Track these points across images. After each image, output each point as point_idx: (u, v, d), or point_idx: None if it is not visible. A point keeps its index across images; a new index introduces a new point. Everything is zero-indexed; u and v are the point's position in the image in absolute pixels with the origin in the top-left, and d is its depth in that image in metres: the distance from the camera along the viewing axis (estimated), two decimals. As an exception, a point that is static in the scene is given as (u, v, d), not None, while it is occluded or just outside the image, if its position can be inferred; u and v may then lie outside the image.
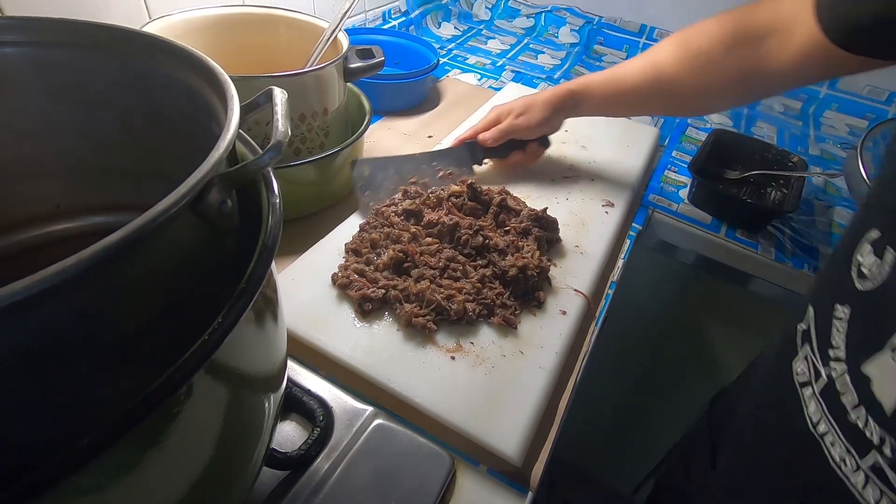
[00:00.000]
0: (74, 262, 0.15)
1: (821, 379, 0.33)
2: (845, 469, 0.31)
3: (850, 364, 0.31)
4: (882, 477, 0.28)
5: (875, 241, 0.31)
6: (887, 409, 0.27)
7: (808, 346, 0.36)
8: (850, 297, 0.32)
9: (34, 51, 0.28)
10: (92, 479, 0.18)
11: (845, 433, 0.31)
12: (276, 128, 0.23)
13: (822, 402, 0.33)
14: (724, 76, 0.55)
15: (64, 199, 0.35)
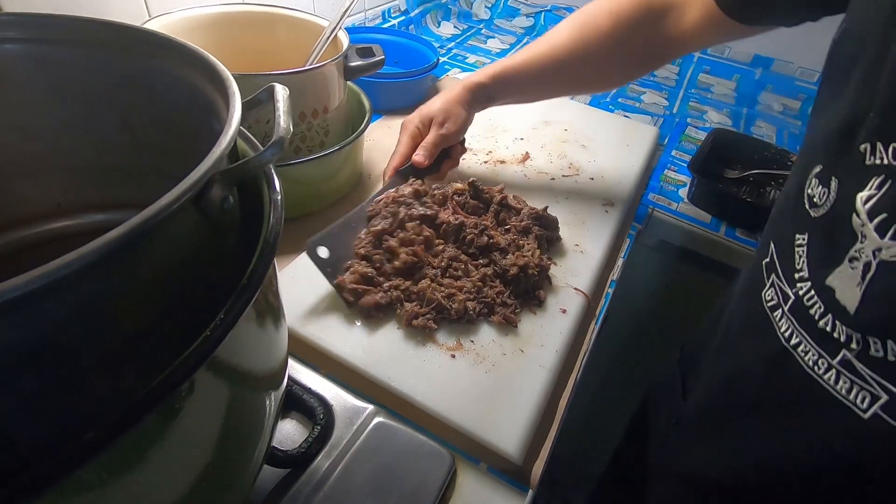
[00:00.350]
0: (75, 258, 0.15)
1: (789, 299, 0.37)
2: (818, 371, 0.35)
3: (814, 280, 0.35)
4: (851, 369, 0.33)
5: (819, 174, 0.36)
6: (850, 309, 0.32)
7: (773, 275, 0.40)
8: (806, 225, 0.36)
9: (34, 48, 0.28)
10: (94, 475, 0.18)
11: (815, 339, 0.35)
12: (277, 124, 0.23)
13: (793, 318, 0.37)
14: (627, 50, 0.61)
15: (65, 196, 0.35)
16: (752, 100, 1.13)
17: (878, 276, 0.31)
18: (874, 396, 0.32)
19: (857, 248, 0.32)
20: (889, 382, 0.31)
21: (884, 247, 0.30)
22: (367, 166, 0.75)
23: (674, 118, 1.01)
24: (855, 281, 0.32)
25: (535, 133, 0.84)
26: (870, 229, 0.31)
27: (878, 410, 0.32)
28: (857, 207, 0.32)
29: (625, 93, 1.09)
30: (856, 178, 0.32)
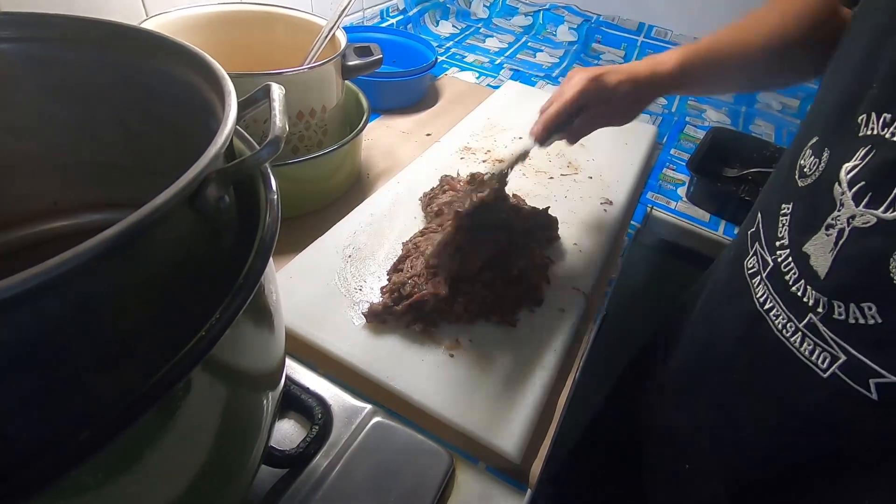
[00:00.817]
0: (70, 257, 0.15)
1: (768, 265, 0.40)
2: (786, 334, 0.38)
3: (792, 247, 0.37)
4: (816, 332, 0.35)
5: (814, 145, 0.37)
6: (821, 274, 0.34)
7: (757, 243, 0.42)
8: (793, 195, 0.38)
9: (30, 47, 0.28)
10: (90, 475, 0.18)
11: (787, 303, 0.37)
12: (273, 123, 0.23)
13: (769, 284, 0.39)
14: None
15: (61, 196, 0.35)
16: (750, 98, 1.13)
17: (848, 242, 0.33)
18: (833, 357, 0.34)
19: (833, 216, 0.34)
20: (847, 344, 0.33)
21: (857, 214, 0.32)
22: (366, 165, 0.75)
23: (672, 117, 1.01)
24: (828, 247, 0.34)
25: (534, 132, 0.84)
26: (848, 197, 0.33)
27: (836, 370, 0.34)
28: (839, 177, 0.33)
29: (623, 92, 1.09)
30: (846, 148, 0.34)
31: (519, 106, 0.91)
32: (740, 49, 0.53)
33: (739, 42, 0.54)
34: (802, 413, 0.38)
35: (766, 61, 0.52)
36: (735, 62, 0.53)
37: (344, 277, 0.54)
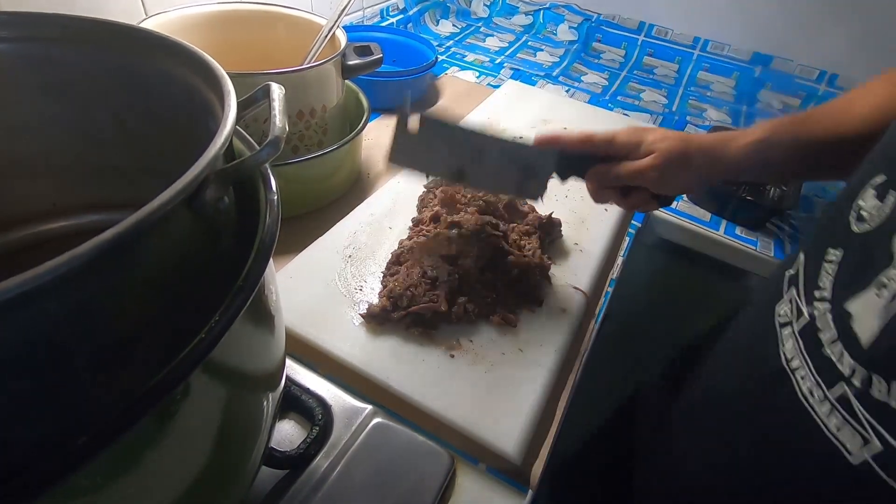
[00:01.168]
0: (68, 259, 0.15)
1: (802, 318, 0.35)
2: (812, 400, 0.32)
3: (834, 303, 0.32)
4: (846, 406, 0.30)
5: (879, 185, 0.32)
6: (864, 342, 0.29)
7: (794, 289, 0.37)
8: (844, 241, 0.33)
9: (28, 46, 0.28)
10: (89, 478, 0.18)
11: (817, 367, 0.32)
12: (273, 123, 0.23)
13: (800, 340, 0.34)
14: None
15: (59, 197, 0.34)
16: (751, 98, 1.12)
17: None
18: (865, 441, 0.29)
19: (888, 274, 0.29)
20: (886, 430, 0.28)
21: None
22: (366, 165, 0.75)
23: (673, 116, 1.01)
24: (877, 310, 0.29)
25: (535, 131, 0.83)
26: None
27: (868, 458, 0.29)
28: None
29: (624, 91, 1.09)
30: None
31: (519, 105, 0.91)
32: (836, 124, 0.44)
33: (835, 116, 0.45)
34: (820, 495, 0.33)
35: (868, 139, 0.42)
36: (829, 138, 0.44)
37: (344, 277, 0.54)
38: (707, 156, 0.46)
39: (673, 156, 0.45)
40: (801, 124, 0.46)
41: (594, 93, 1.06)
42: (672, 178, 0.46)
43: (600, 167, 0.49)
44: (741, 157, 0.45)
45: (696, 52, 1.18)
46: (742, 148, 0.45)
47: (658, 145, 0.46)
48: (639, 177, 0.46)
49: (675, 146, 0.45)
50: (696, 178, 0.47)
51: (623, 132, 0.48)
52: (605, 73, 1.15)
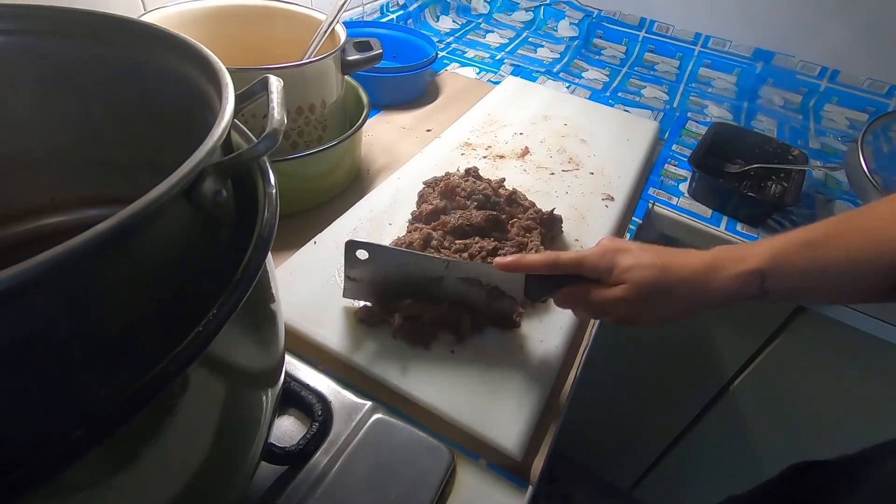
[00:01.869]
0: (64, 250, 0.15)
1: None
2: None
3: None
4: None
5: None
6: None
7: None
8: None
9: (25, 39, 0.28)
10: (88, 472, 0.18)
11: None
12: (271, 116, 0.23)
13: None
14: None
15: (57, 192, 0.34)
16: (752, 94, 1.12)
17: None
18: None
19: None
20: None
21: None
22: (366, 161, 0.74)
23: (674, 112, 1.01)
24: None
25: (535, 128, 0.83)
26: None
27: None
28: None
29: (625, 87, 1.08)
30: None
31: (519, 102, 0.91)
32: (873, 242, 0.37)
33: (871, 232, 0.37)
34: None
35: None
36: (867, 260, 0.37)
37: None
38: (691, 287, 0.40)
39: (645, 288, 0.40)
40: (818, 248, 0.38)
41: (595, 89, 1.06)
42: (646, 312, 0.41)
43: (567, 291, 0.44)
44: (731, 290, 0.39)
45: (698, 48, 1.18)
46: (732, 279, 0.39)
47: (630, 275, 0.40)
48: (609, 307, 0.42)
49: (649, 276, 0.40)
50: (678, 310, 0.41)
51: (593, 254, 0.42)
52: (605, 70, 1.15)
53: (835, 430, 0.86)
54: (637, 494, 1.29)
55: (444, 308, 0.48)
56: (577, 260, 0.43)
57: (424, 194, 0.63)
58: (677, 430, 1.06)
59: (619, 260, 0.41)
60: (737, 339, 0.87)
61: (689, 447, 1.07)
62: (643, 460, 1.18)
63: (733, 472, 1.03)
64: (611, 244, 0.43)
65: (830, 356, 0.79)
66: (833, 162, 0.93)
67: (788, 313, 0.79)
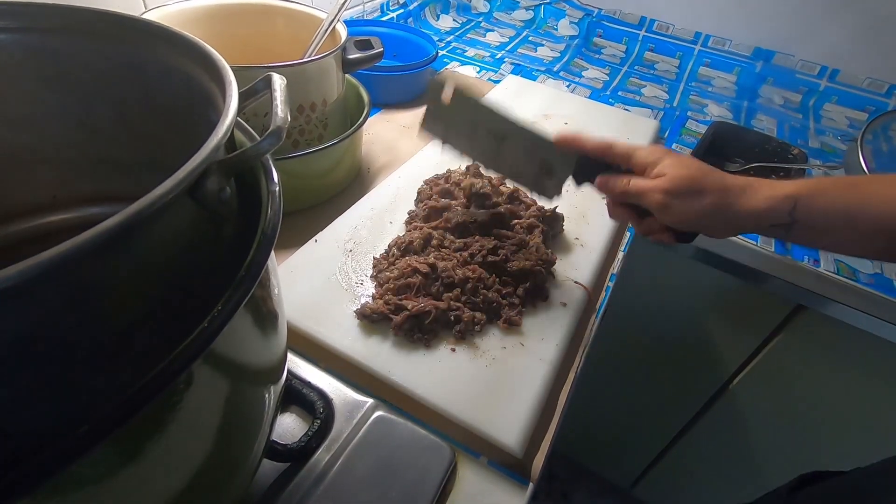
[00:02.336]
0: (69, 247, 0.15)
1: None
2: None
3: None
4: None
5: None
6: None
7: None
8: None
9: (27, 37, 0.28)
10: (91, 468, 0.18)
11: None
12: (274, 113, 0.23)
13: None
14: None
15: (60, 189, 0.34)
16: (752, 93, 1.12)
17: None
18: None
19: None
20: None
21: None
22: (367, 160, 0.75)
23: (674, 111, 1.01)
24: None
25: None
26: None
27: None
28: None
29: (625, 86, 1.08)
30: None
31: (520, 100, 0.91)
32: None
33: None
34: None
35: None
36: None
37: (345, 272, 0.54)
38: (722, 196, 0.41)
39: (682, 183, 0.41)
40: (856, 188, 0.39)
41: (595, 88, 1.06)
42: (678, 208, 0.41)
43: (608, 176, 0.46)
44: (761, 210, 0.39)
45: (698, 47, 1.18)
46: (765, 199, 0.39)
47: (672, 170, 0.42)
48: (642, 196, 0.43)
49: (689, 174, 0.41)
50: (706, 217, 0.41)
51: (644, 149, 0.45)
52: (606, 69, 1.15)
53: (834, 429, 0.87)
54: (636, 493, 1.29)
55: (445, 304, 0.48)
56: (630, 149, 0.46)
57: (423, 192, 0.63)
58: (677, 429, 1.06)
59: (666, 157, 0.44)
60: (736, 337, 0.88)
61: (688, 446, 1.07)
62: (643, 459, 1.19)
63: (733, 471, 1.03)
64: (662, 147, 0.46)
65: (830, 354, 0.80)
66: (833, 161, 0.93)
67: (788, 312, 0.79)
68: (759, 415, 0.94)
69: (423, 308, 0.48)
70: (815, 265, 0.71)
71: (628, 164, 0.46)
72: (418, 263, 0.51)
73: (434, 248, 0.54)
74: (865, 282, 0.69)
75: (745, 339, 0.87)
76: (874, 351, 0.73)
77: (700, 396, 0.98)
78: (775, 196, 0.40)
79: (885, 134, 0.82)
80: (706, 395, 0.97)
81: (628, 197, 0.45)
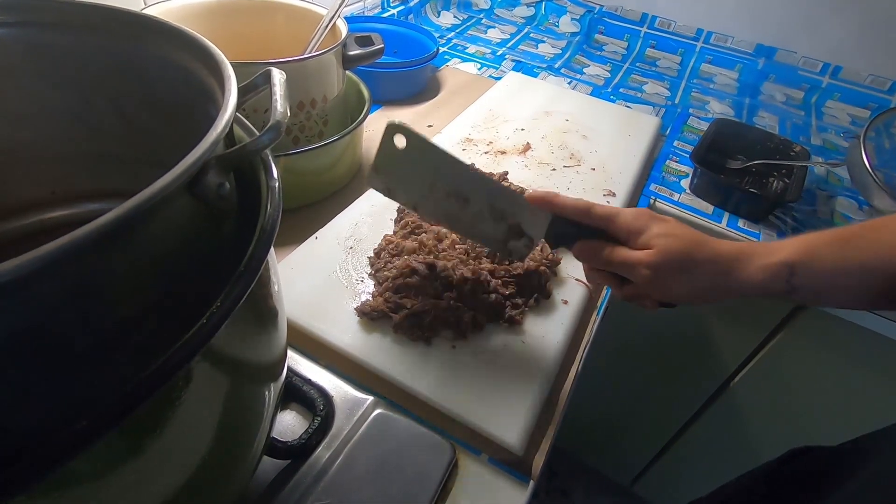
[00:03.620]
0: (68, 241, 0.15)
1: None
2: None
3: None
4: None
5: None
6: None
7: None
8: None
9: (26, 32, 0.28)
10: (91, 463, 0.18)
11: None
12: (274, 108, 0.23)
13: None
14: None
15: (59, 185, 0.34)
16: (754, 90, 1.12)
17: None
18: None
19: None
20: None
21: None
22: (367, 157, 0.74)
23: (676, 108, 1.01)
24: None
25: (536, 123, 0.83)
26: None
27: None
28: None
29: (626, 83, 1.08)
30: None
31: (521, 97, 0.91)
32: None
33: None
34: None
35: None
36: (891, 256, 0.36)
37: (345, 269, 0.54)
38: (718, 269, 0.39)
39: (673, 257, 0.39)
40: (848, 244, 0.38)
41: (596, 85, 1.05)
42: (667, 283, 0.40)
43: (590, 242, 0.43)
44: (757, 281, 0.38)
45: (699, 44, 1.17)
46: (760, 269, 0.38)
47: (660, 241, 0.39)
48: (629, 269, 0.41)
49: (679, 247, 0.39)
50: (699, 291, 0.40)
51: (628, 213, 0.42)
52: (607, 65, 1.14)
53: (836, 426, 0.87)
54: (636, 490, 1.29)
55: (445, 304, 0.48)
56: (611, 214, 0.41)
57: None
58: (678, 426, 1.06)
59: (653, 225, 0.40)
60: (738, 335, 0.87)
61: (689, 443, 1.07)
62: (643, 456, 1.19)
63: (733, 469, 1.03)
64: (647, 211, 0.42)
65: (831, 352, 0.79)
66: (835, 158, 0.93)
67: (789, 310, 0.79)
68: (760, 413, 0.93)
69: (422, 307, 0.48)
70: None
71: (610, 228, 0.42)
72: (417, 263, 0.51)
73: (430, 248, 0.54)
74: (867, 279, 0.69)
75: (746, 336, 0.86)
76: (876, 349, 0.73)
77: (700, 394, 0.98)
78: (770, 265, 0.38)
79: (888, 131, 0.81)
80: (707, 392, 0.97)
81: (612, 268, 0.42)
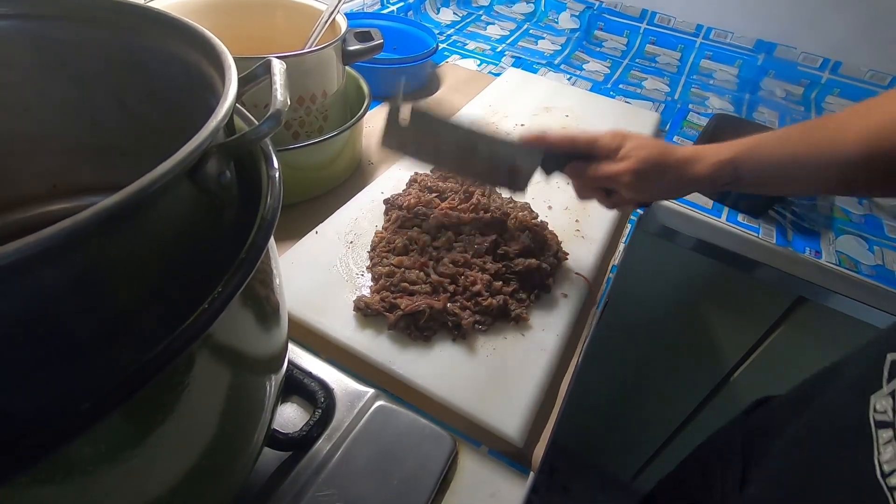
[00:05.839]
0: (69, 225, 0.15)
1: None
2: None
3: None
4: None
5: None
6: None
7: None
8: None
9: (26, 24, 0.28)
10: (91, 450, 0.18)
11: None
12: (274, 97, 0.23)
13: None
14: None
15: (60, 178, 0.34)
16: (754, 85, 1.12)
17: None
18: None
19: None
20: None
21: None
22: (367, 153, 0.74)
23: (675, 104, 1.01)
24: None
25: (536, 119, 0.83)
26: None
27: None
28: None
29: (626, 79, 1.08)
30: None
31: (521, 93, 0.91)
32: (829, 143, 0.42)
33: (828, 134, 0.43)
34: None
35: (867, 160, 0.40)
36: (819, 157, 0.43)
37: (346, 263, 0.54)
38: (678, 169, 0.47)
39: (648, 164, 0.46)
40: (784, 141, 0.46)
41: (596, 81, 1.05)
42: (645, 185, 0.47)
43: (579, 163, 0.50)
44: (705, 175, 0.46)
45: (699, 40, 1.17)
46: (707, 167, 0.46)
47: (636, 152, 0.47)
48: (613, 179, 0.48)
49: (652, 155, 0.46)
50: (668, 187, 0.49)
51: (606, 135, 0.49)
52: (607, 62, 1.14)
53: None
54: (637, 485, 1.29)
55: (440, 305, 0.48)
56: (592, 139, 0.49)
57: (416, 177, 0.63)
58: (677, 422, 1.07)
59: (627, 141, 0.48)
60: (737, 329, 0.87)
61: (689, 439, 1.07)
62: (643, 452, 1.19)
63: (733, 464, 1.04)
64: (621, 131, 0.49)
65: (830, 346, 0.80)
66: (834, 153, 0.92)
67: (789, 303, 0.79)
68: (760, 407, 0.94)
69: (417, 307, 0.48)
70: (817, 256, 0.71)
71: (593, 151, 0.49)
72: (407, 265, 0.51)
73: (418, 249, 0.54)
74: (867, 273, 0.69)
75: (747, 330, 0.87)
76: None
77: (701, 388, 0.98)
78: (716, 163, 0.46)
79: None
80: (707, 387, 0.97)
81: (598, 181, 0.49)
